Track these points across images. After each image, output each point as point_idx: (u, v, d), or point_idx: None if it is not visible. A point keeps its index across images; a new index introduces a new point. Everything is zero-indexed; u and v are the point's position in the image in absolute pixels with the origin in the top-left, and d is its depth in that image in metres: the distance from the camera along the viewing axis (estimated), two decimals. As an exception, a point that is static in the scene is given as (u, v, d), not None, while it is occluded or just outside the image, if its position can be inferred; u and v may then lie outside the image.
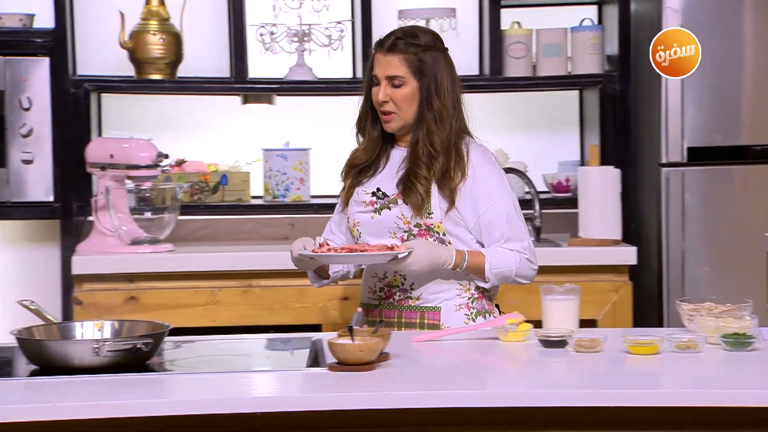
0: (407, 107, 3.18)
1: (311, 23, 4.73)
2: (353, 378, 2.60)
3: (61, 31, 4.47)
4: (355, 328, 2.77)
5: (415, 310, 3.21)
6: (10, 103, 4.40)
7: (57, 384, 2.57)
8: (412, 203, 3.15)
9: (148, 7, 4.64)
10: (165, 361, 2.84)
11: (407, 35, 3.19)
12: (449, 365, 2.87)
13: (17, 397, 2.51)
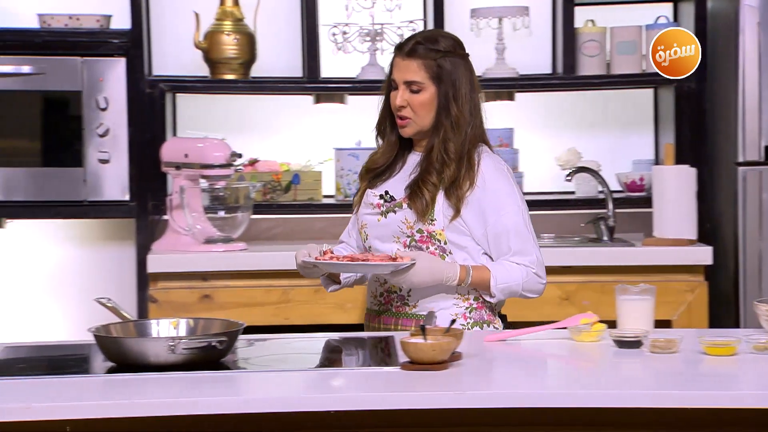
0: (424, 113, 3.14)
1: (383, 22, 4.74)
2: (426, 377, 2.60)
3: (138, 32, 4.52)
4: (427, 327, 2.77)
5: (411, 318, 3.17)
6: (87, 103, 4.46)
7: (133, 381, 2.60)
8: (416, 208, 3.12)
9: (222, 7, 4.68)
10: (238, 359, 2.85)
11: (427, 40, 3.14)
12: (522, 365, 2.85)
13: (95, 393, 2.55)
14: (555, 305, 4.40)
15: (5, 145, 4.47)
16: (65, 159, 4.47)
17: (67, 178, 4.47)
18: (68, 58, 4.43)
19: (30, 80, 4.43)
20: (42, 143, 4.48)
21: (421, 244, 3.14)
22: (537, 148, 4.98)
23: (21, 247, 4.80)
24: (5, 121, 4.47)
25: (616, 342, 2.90)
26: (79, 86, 4.45)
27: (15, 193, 4.46)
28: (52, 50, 4.43)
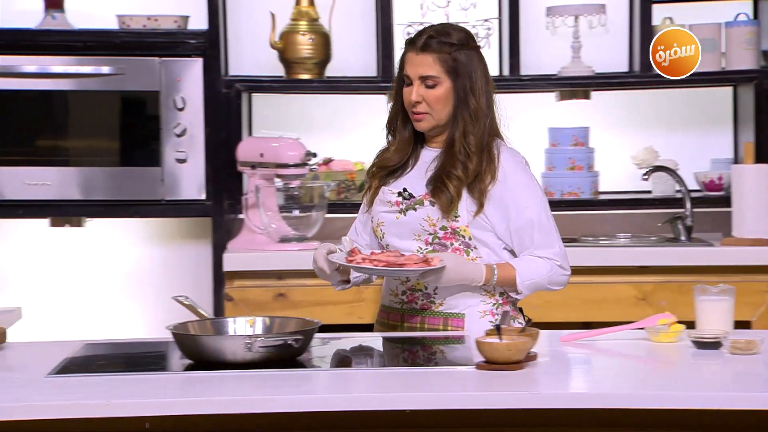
0: (441, 107, 3.09)
1: (458, 21, 4.72)
2: (501, 377, 2.59)
3: (214, 33, 4.56)
4: (502, 326, 2.76)
5: (438, 316, 3.13)
6: (165, 103, 4.51)
7: (211, 378, 2.62)
8: (440, 203, 3.07)
9: (298, 7, 4.71)
10: (313, 358, 2.87)
11: (440, 33, 3.09)
12: (598, 366, 2.83)
13: (173, 391, 2.57)
14: (631, 305, 4.36)
15: (85, 144, 4.53)
16: (143, 158, 4.52)
17: (145, 178, 4.52)
18: (146, 59, 4.48)
19: (109, 81, 4.48)
20: (120, 143, 4.53)
21: (444, 241, 3.10)
22: (613, 147, 4.93)
23: (100, 246, 4.86)
24: (85, 121, 4.54)
25: (695, 343, 2.86)
26: (156, 86, 4.50)
27: (94, 193, 4.52)
28: (130, 51, 4.49)
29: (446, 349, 2.99)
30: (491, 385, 2.54)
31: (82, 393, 2.49)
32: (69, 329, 4.74)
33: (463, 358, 2.82)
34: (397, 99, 3.15)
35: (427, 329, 3.12)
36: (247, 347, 2.67)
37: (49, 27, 4.55)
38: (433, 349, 2.99)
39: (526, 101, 4.90)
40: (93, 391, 2.51)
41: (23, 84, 4.46)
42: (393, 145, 3.17)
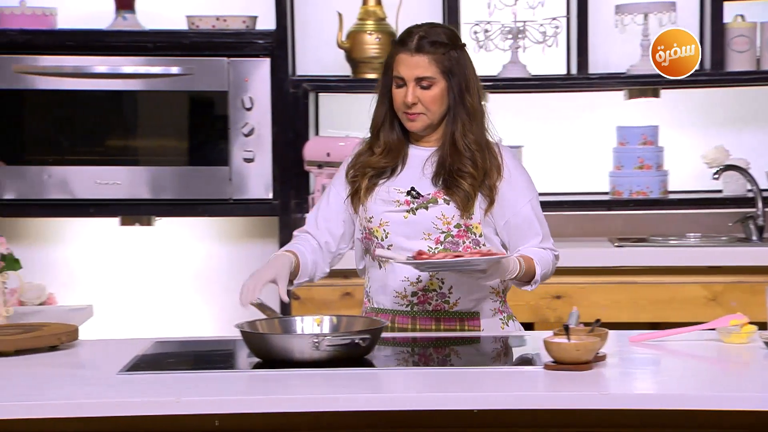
0: (437, 108, 3.07)
1: (526, 20, 4.71)
2: (570, 377, 2.57)
3: (282, 33, 4.59)
4: (571, 326, 2.74)
5: (454, 317, 3.10)
6: (233, 103, 4.54)
7: (280, 377, 2.63)
8: (457, 202, 3.05)
9: (365, 7, 4.72)
10: (380, 356, 2.87)
11: (430, 34, 3.07)
12: (668, 366, 2.80)
13: (243, 388, 2.59)
14: (701, 306, 4.32)
15: (154, 144, 4.58)
16: (211, 158, 4.56)
17: (213, 177, 4.56)
18: (215, 59, 4.52)
19: (178, 81, 4.53)
20: (189, 143, 4.57)
21: (457, 239, 3.08)
22: (683, 145, 4.88)
23: (169, 245, 4.91)
24: (154, 121, 4.59)
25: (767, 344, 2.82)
26: (225, 86, 4.53)
27: (163, 192, 4.56)
28: (199, 51, 4.53)
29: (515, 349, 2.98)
30: (559, 385, 2.53)
31: (153, 390, 2.51)
32: (139, 327, 4.79)
33: (531, 358, 2.80)
34: (384, 101, 3.12)
35: (443, 331, 3.10)
36: (315, 346, 2.68)
37: (120, 28, 4.60)
38: (462, 348, 2.98)
39: (595, 100, 4.87)
40: (163, 388, 2.53)
41: (94, 84, 4.52)
42: (378, 147, 3.13)
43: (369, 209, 3.12)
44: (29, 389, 2.53)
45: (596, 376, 2.59)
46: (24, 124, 4.57)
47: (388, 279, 3.11)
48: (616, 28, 4.70)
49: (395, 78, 3.08)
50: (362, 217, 3.13)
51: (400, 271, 3.08)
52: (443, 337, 3.06)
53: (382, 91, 3.12)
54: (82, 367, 2.80)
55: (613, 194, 4.76)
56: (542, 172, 4.90)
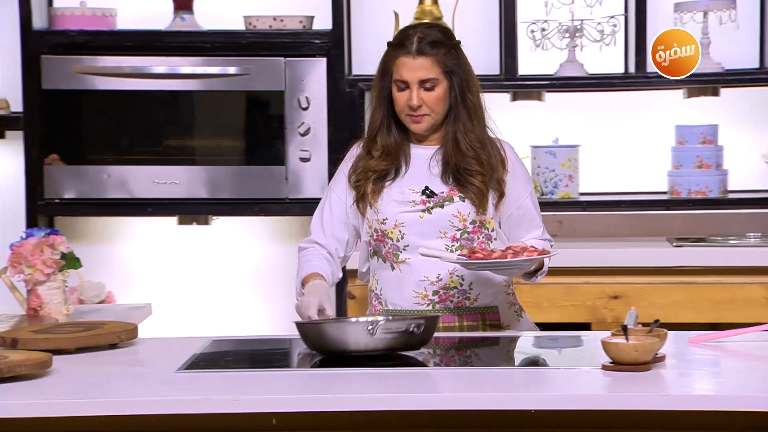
0: (441, 108, 3.09)
1: (583, 18, 4.68)
2: (628, 378, 2.55)
3: (338, 32, 4.60)
4: (629, 327, 2.72)
5: (475, 312, 3.12)
6: (289, 102, 4.56)
7: (337, 376, 2.64)
8: (472, 198, 3.07)
9: (421, 6, 4.71)
10: (443, 356, 2.86)
11: (428, 35, 3.08)
12: (728, 367, 2.77)
13: (300, 387, 2.59)
14: (761, 306, 4.27)
15: (211, 144, 4.61)
16: (267, 157, 4.58)
17: (269, 177, 4.58)
18: (272, 59, 4.54)
19: (235, 81, 4.55)
20: (245, 142, 4.60)
21: (473, 235, 3.10)
22: (742, 144, 4.83)
23: (226, 244, 4.94)
24: (211, 121, 4.62)
25: (830, 346, 2.79)
26: (281, 86, 4.55)
27: (220, 191, 4.59)
28: (256, 51, 4.55)
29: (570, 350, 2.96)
30: (618, 386, 2.51)
31: (211, 389, 2.53)
32: (196, 325, 4.82)
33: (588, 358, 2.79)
34: (381, 104, 3.13)
35: (467, 327, 3.12)
36: (370, 332, 2.68)
37: (178, 28, 4.64)
38: None
39: (653, 99, 4.83)
40: (221, 386, 2.55)
41: (152, 84, 4.56)
42: (376, 150, 3.13)
43: (381, 211, 3.12)
44: (89, 387, 2.56)
45: (655, 377, 2.57)
46: (83, 124, 4.62)
47: (405, 279, 3.12)
48: (675, 26, 4.66)
49: (396, 81, 3.09)
50: (372, 219, 3.14)
51: (418, 270, 3.10)
52: (489, 337, 3.06)
53: (380, 95, 3.13)
54: (141, 365, 2.83)
55: (672, 194, 4.72)
56: (600, 171, 4.88)
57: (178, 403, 2.43)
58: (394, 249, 3.11)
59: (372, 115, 3.17)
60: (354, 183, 3.16)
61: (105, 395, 2.47)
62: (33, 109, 4.57)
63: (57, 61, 4.55)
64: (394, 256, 3.12)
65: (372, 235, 3.15)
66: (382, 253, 3.14)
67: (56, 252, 3.21)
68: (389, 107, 3.13)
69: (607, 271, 4.38)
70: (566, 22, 4.69)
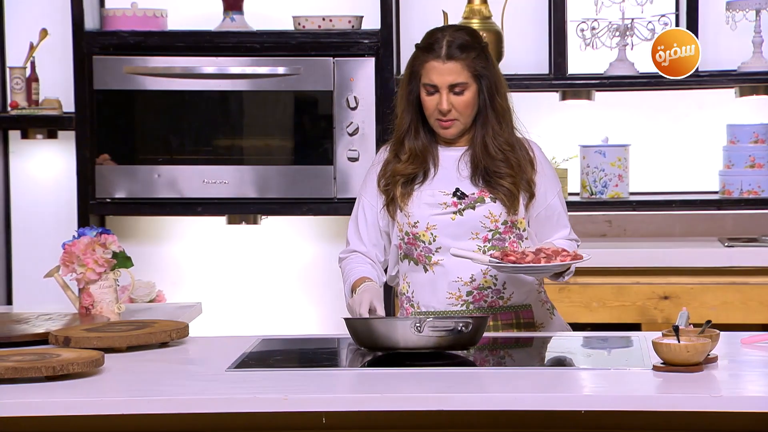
0: (469, 112, 3.08)
1: (634, 17, 4.65)
2: (679, 379, 2.53)
3: (387, 32, 4.60)
4: (681, 327, 2.70)
5: (509, 310, 3.12)
6: (338, 102, 4.57)
7: (385, 375, 2.64)
8: (503, 199, 3.06)
9: (470, 5, 4.71)
10: (485, 357, 2.86)
11: (457, 38, 3.06)
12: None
13: (349, 386, 2.61)
14: (815, 308, 4.23)
15: (260, 143, 4.63)
16: (316, 157, 4.59)
17: (318, 176, 4.59)
18: (321, 59, 4.55)
19: (284, 81, 4.57)
20: (294, 142, 4.61)
21: (504, 236, 3.09)
22: (795, 144, 4.77)
23: (275, 243, 4.96)
24: (260, 121, 4.64)
25: None
26: (330, 86, 4.56)
27: (269, 191, 4.61)
28: (305, 51, 4.57)
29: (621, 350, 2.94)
30: (669, 387, 2.49)
31: (261, 387, 2.54)
32: (246, 324, 4.84)
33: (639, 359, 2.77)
34: (409, 108, 3.11)
35: (501, 326, 3.12)
36: (417, 329, 2.68)
37: (228, 29, 4.66)
38: None
39: (705, 97, 4.79)
40: (270, 385, 2.56)
41: (202, 85, 4.58)
42: (404, 154, 3.12)
43: (412, 214, 3.12)
44: (140, 385, 2.58)
45: (707, 378, 2.55)
46: (134, 124, 4.65)
47: (439, 281, 3.12)
48: (727, 24, 4.62)
49: (425, 86, 3.08)
50: (403, 222, 3.13)
51: (451, 271, 3.09)
52: (531, 337, 3.05)
53: (408, 98, 3.12)
54: (192, 364, 2.84)
55: (723, 193, 4.68)
56: (651, 170, 4.84)
57: (228, 402, 2.44)
58: (426, 251, 3.12)
59: (399, 119, 3.16)
60: (383, 187, 3.16)
61: (156, 393, 2.49)
62: (84, 109, 4.61)
63: (108, 62, 4.59)
64: (426, 258, 3.12)
65: (403, 238, 3.15)
66: (414, 256, 3.14)
67: (108, 251, 3.23)
68: (417, 110, 3.12)
69: (658, 271, 4.35)
70: (616, 21, 4.66)
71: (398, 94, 3.17)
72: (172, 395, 2.47)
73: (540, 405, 2.43)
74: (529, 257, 2.95)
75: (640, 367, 2.66)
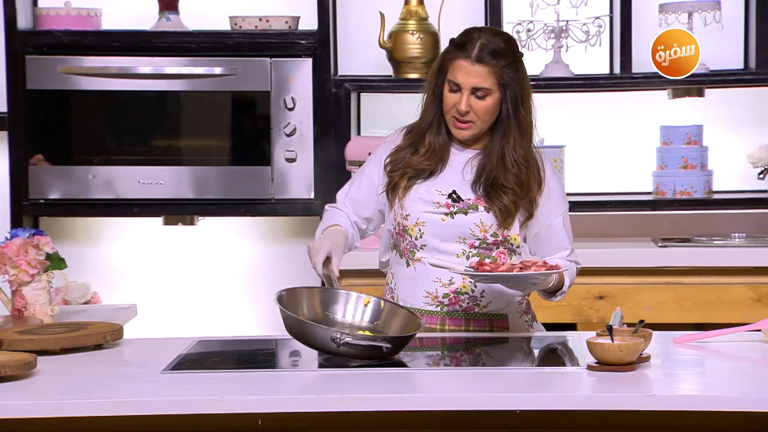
0: (488, 118, 3.05)
1: (569, 19, 4.69)
2: (613, 378, 2.56)
3: (324, 33, 4.60)
4: (614, 327, 2.73)
5: (483, 318, 3.10)
6: (275, 103, 4.56)
7: (322, 376, 2.64)
8: (496, 213, 3.04)
9: (407, 7, 4.71)
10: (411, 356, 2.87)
11: (491, 42, 3.02)
12: (712, 368, 2.78)
13: (286, 388, 2.59)
14: (747, 307, 4.28)
15: (197, 144, 4.61)
16: (253, 158, 4.57)
17: (255, 177, 4.57)
18: (258, 59, 4.54)
19: (221, 81, 4.55)
20: (231, 142, 4.59)
21: (492, 246, 3.07)
22: (727, 145, 4.84)
23: (211, 244, 4.93)
24: (197, 121, 4.61)
25: (814, 346, 2.80)
26: (267, 86, 4.55)
27: (206, 192, 4.59)
28: (242, 52, 4.55)
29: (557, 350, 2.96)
30: (603, 386, 2.52)
31: (197, 389, 2.52)
32: (182, 326, 4.81)
33: (574, 359, 2.79)
34: (434, 102, 3.10)
35: (473, 331, 3.10)
36: (335, 342, 2.68)
37: (164, 29, 4.63)
38: None
39: (638, 99, 4.84)
40: (207, 387, 2.55)
41: (139, 85, 4.55)
42: (423, 147, 3.11)
43: (406, 207, 3.11)
44: (74, 387, 2.55)
45: (640, 377, 2.58)
46: (69, 125, 4.60)
47: (418, 278, 3.11)
48: (660, 26, 4.67)
49: (450, 82, 3.05)
50: (397, 213, 3.13)
51: (432, 271, 3.08)
52: (475, 338, 3.06)
53: (434, 92, 3.10)
54: (127, 366, 2.82)
55: (657, 194, 4.73)
56: (585, 172, 4.89)
57: (163, 404, 2.43)
58: (411, 246, 3.11)
59: (423, 111, 3.14)
60: (389, 172, 3.14)
61: (90, 396, 2.47)
62: (18, 109, 4.56)
63: (42, 62, 4.54)
64: (410, 253, 3.11)
65: (395, 228, 3.15)
66: (400, 248, 3.14)
67: (41, 252, 3.20)
68: (441, 105, 3.09)
69: (593, 271, 4.38)
70: (552, 23, 4.69)
71: (425, 86, 3.14)
72: (107, 397, 2.46)
73: (475, 405, 2.44)
74: (504, 267, 2.92)
75: (574, 367, 2.69)
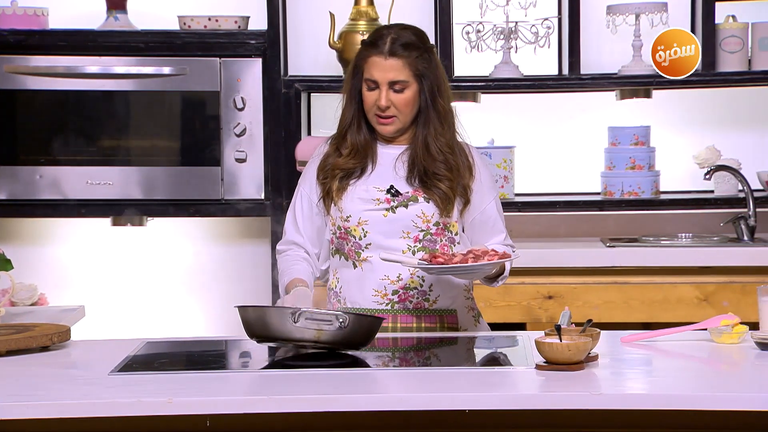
0: (409, 111, 3.10)
1: (518, 20, 4.71)
2: (561, 377, 2.58)
3: (274, 33, 4.59)
4: (563, 327, 2.75)
5: (433, 314, 3.13)
6: (225, 103, 4.54)
7: (273, 377, 2.63)
8: (436, 201, 3.09)
9: (357, 7, 4.72)
10: (366, 357, 2.87)
11: (402, 36, 3.09)
12: (660, 367, 2.81)
13: (235, 388, 2.58)
14: (693, 306, 4.32)
15: (146, 144, 4.58)
16: (203, 158, 4.56)
17: (205, 177, 4.55)
18: (207, 59, 4.52)
19: (170, 81, 4.52)
20: (181, 143, 4.57)
21: (436, 237, 3.11)
22: (674, 146, 4.89)
23: (161, 245, 4.90)
24: (146, 121, 4.58)
25: (759, 344, 2.83)
26: (217, 86, 4.53)
27: (155, 192, 4.56)
28: (191, 51, 4.53)
29: (507, 350, 2.98)
30: (551, 385, 2.53)
31: (145, 391, 2.51)
32: (131, 327, 4.79)
33: (522, 358, 2.81)
34: (352, 102, 3.14)
35: (424, 329, 3.12)
36: (293, 319, 2.68)
37: (112, 28, 4.60)
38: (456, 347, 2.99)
39: (586, 100, 4.88)
40: (155, 388, 2.53)
41: (86, 84, 4.51)
42: (346, 148, 3.14)
43: (345, 208, 3.12)
44: (20, 390, 2.53)
45: (588, 376, 2.60)
46: (16, 125, 4.56)
47: (366, 278, 3.12)
48: (608, 28, 4.71)
49: (367, 81, 3.09)
50: (336, 217, 3.14)
51: (379, 269, 3.09)
52: (426, 338, 3.07)
53: (351, 93, 3.14)
54: (74, 368, 2.80)
55: (605, 194, 4.77)
56: (534, 172, 4.92)
57: (111, 406, 2.41)
58: (356, 247, 3.12)
59: (342, 113, 3.17)
60: (321, 180, 3.16)
61: (36, 398, 2.45)
62: (-37, 108, 4.51)
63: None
64: (356, 254, 3.12)
65: (335, 233, 3.15)
66: (344, 251, 3.14)
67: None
68: (359, 106, 3.13)
69: (542, 271, 4.41)
70: (501, 24, 4.71)
71: (343, 88, 3.18)
72: (53, 400, 2.44)
73: (424, 405, 2.45)
74: (457, 258, 2.95)
75: (523, 366, 2.70)
